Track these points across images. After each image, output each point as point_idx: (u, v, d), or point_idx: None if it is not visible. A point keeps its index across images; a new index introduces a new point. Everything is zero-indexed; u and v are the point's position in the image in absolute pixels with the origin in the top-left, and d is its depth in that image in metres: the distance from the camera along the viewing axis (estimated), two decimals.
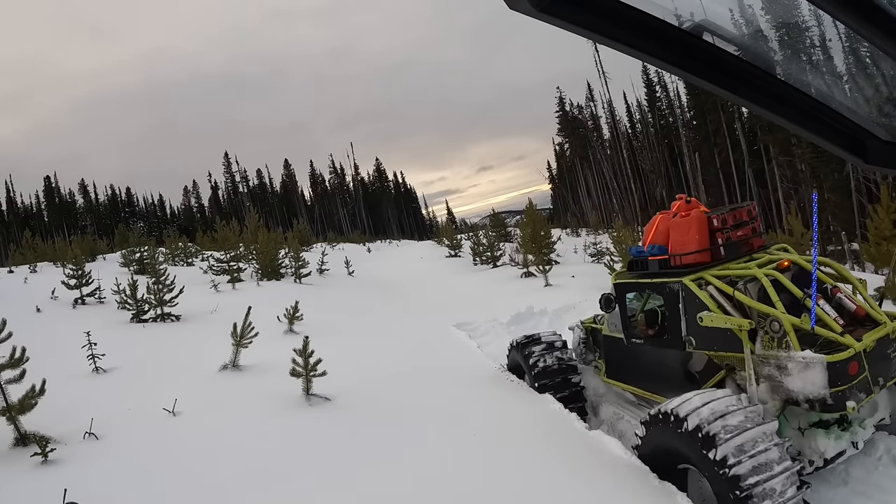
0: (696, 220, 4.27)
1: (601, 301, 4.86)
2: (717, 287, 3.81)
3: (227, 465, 4.13)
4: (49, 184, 50.62)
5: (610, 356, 5.13)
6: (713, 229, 4.27)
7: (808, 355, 3.24)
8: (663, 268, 4.37)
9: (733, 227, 4.29)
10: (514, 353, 6.13)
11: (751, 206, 4.47)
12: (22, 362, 4.54)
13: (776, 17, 0.98)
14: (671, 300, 4.12)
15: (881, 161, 0.96)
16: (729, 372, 3.84)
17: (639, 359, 4.64)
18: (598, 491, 3.63)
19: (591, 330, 5.72)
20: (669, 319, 4.17)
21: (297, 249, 15.74)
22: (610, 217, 35.23)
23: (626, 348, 4.73)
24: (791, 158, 23.47)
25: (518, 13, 0.61)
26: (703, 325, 3.73)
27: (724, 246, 4.23)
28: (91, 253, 20.43)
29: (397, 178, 66.46)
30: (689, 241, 4.25)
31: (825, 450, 3.39)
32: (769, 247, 4.42)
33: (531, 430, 4.66)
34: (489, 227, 29.06)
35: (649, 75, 35.15)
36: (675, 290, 4.05)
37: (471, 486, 3.76)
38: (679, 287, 4.01)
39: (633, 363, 4.76)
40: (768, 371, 3.46)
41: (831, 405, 3.17)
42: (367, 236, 42.92)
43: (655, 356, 4.43)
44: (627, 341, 4.68)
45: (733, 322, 3.57)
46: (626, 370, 4.89)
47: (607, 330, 5.08)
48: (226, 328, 6.50)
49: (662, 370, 4.37)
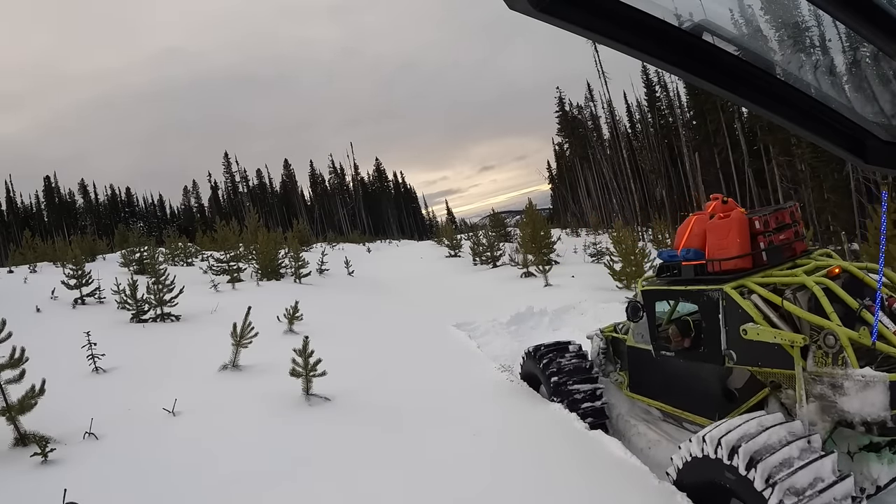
0: (737, 223, 3.92)
1: (627, 309, 4.52)
2: (761, 296, 3.48)
3: (227, 465, 4.13)
4: (49, 184, 50.62)
5: (635, 369, 4.72)
6: (754, 232, 3.91)
7: (868, 373, 2.95)
8: (699, 274, 4.02)
9: (776, 230, 3.96)
10: (528, 363, 5.70)
11: (793, 208, 4.13)
12: (22, 362, 4.54)
13: (776, 17, 0.98)
14: (709, 310, 3.77)
15: (881, 161, 0.96)
16: (773, 390, 3.52)
17: (669, 373, 4.26)
18: (598, 491, 3.63)
19: (612, 339, 5.30)
20: (706, 331, 3.81)
21: (296, 249, 15.73)
22: (610, 217, 35.23)
23: (653, 361, 4.37)
24: (791, 158, 23.47)
25: (518, 13, 0.61)
26: (747, 338, 3.41)
27: (767, 251, 3.89)
28: (91, 253, 20.41)
29: (397, 178, 66.51)
30: (730, 245, 3.90)
31: (878, 476, 3.11)
32: (812, 252, 4.10)
33: (531, 431, 4.66)
34: (489, 227, 29.07)
35: (649, 75, 35.17)
36: (714, 298, 3.71)
37: (471, 486, 3.76)
38: (719, 296, 3.68)
39: (661, 377, 4.36)
40: (820, 390, 3.16)
41: (892, 428, 2.89)
42: (366, 236, 42.92)
43: (688, 371, 4.05)
44: (656, 353, 4.33)
45: (784, 337, 3.23)
46: (653, 385, 4.49)
47: (632, 340, 4.68)
48: (226, 328, 6.50)
49: (696, 386, 3.98)
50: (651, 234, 23.54)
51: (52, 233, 41.12)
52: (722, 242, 3.96)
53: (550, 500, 3.57)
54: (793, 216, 4.09)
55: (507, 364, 7.20)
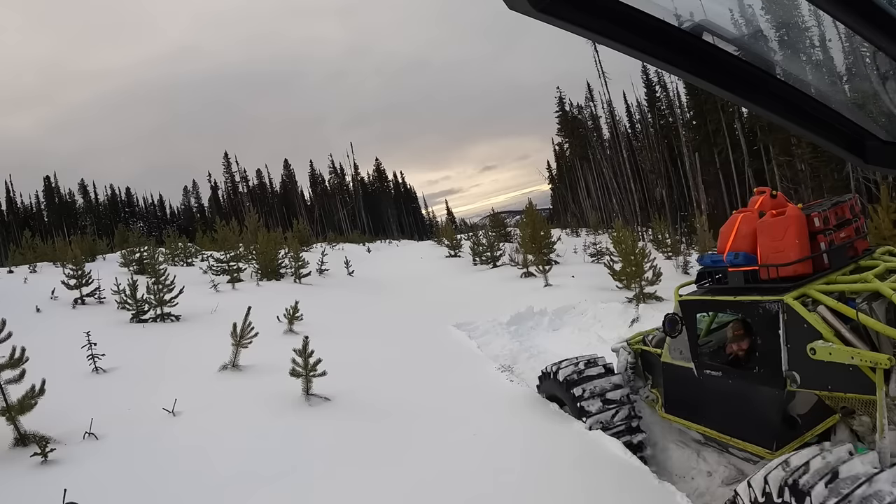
0: (794, 221, 3.41)
1: (664, 323, 3.99)
2: (830, 307, 2.97)
3: (227, 466, 4.13)
4: (49, 184, 50.62)
5: (672, 388, 4.18)
6: (813, 230, 3.42)
7: None
8: (751, 282, 3.51)
9: (836, 226, 3.48)
10: (549, 383, 5.08)
11: (853, 201, 3.66)
12: (22, 362, 4.54)
13: (776, 17, 0.98)
14: (766, 324, 3.25)
15: (881, 161, 0.96)
16: (844, 416, 3.14)
17: (714, 394, 3.72)
18: (598, 491, 3.63)
19: (641, 353, 4.81)
20: (762, 348, 3.31)
21: (296, 249, 15.72)
22: (610, 217, 35.23)
23: (695, 380, 3.84)
24: (791, 158, 23.48)
25: (519, 14, 0.61)
26: (816, 358, 2.88)
27: (828, 252, 3.39)
28: (91, 253, 20.40)
29: (397, 178, 66.49)
30: (787, 247, 3.38)
31: None
32: (873, 250, 3.65)
33: (530, 431, 4.66)
34: (489, 227, 29.06)
35: (649, 75, 35.17)
36: (773, 311, 3.19)
37: (470, 486, 3.76)
38: (778, 308, 3.15)
39: (705, 399, 3.81)
40: None
41: None
42: (366, 236, 42.88)
43: (739, 392, 3.52)
44: (699, 372, 3.80)
45: (864, 357, 2.69)
46: (694, 406, 3.94)
47: (668, 356, 4.14)
48: (225, 328, 6.49)
49: (749, 411, 3.46)
50: (651, 234, 23.55)
51: (52, 233, 41.11)
52: (777, 244, 3.43)
53: (550, 499, 3.57)
54: (853, 210, 3.61)
55: (506, 364, 7.21)
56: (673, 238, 21.09)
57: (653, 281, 11.16)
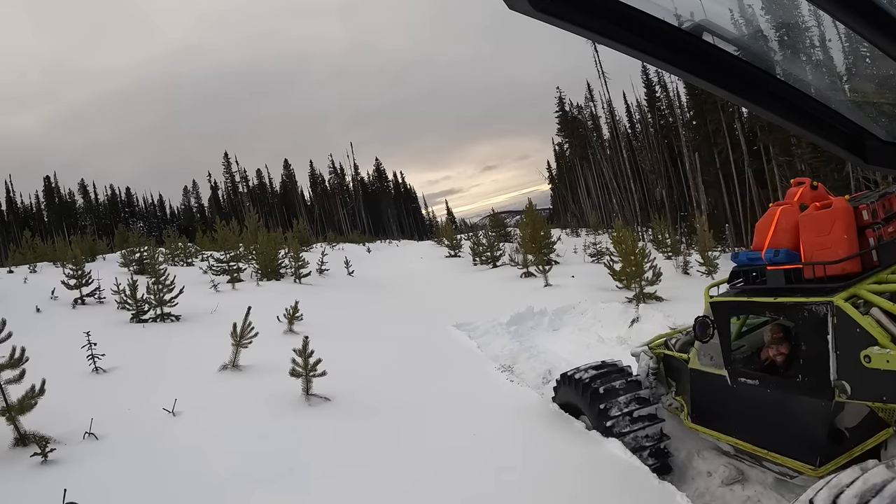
0: (842, 214, 3.13)
1: (695, 327, 3.73)
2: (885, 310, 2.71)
3: (227, 466, 4.13)
4: (49, 184, 50.63)
5: (700, 396, 3.87)
6: (861, 225, 3.15)
7: None
8: (794, 281, 3.22)
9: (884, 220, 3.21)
10: (565, 391, 4.78)
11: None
12: (22, 362, 4.54)
13: (776, 17, 0.98)
14: (812, 329, 2.97)
15: (881, 161, 0.96)
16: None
17: (749, 404, 3.43)
18: (598, 490, 3.62)
19: (664, 357, 4.49)
20: (806, 355, 3.05)
21: (296, 249, 15.72)
22: (610, 217, 35.24)
23: (727, 389, 3.55)
24: (791, 158, 23.48)
25: (518, 13, 0.61)
26: (871, 367, 2.61)
27: (878, 248, 3.11)
28: (91, 253, 20.39)
29: (397, 178, 66.50)
30: (835, 243, 3.11)
31: None
32: None
33: (530, 430, 4.66)
34: (489, 227, 29.07)
35: (649, 75, 35.17)
36: (821, 314, 2.92)
37: (470, 486, 3.76)
38: (827, 311, 2.88)
39: (738, 409, 3.52)
40: None
41: None
42: (366, 236, 42.88)
43: (778, 403, 3.23)
44: (732, 380, 3.50)
45: None
46: (726, 417, 3.66)
47: (697, 363, 3.84)
48: (225, 328, 6.49)
49: (789, 423, 3.19)
50: (651, 234, 23.56)
51: (52, 233, 41.12)
52: (823, 240, 3.16)
53: (551, 499, 3.57)
54: None
55: (506, 364, 7.21)
56: (673, 238, 21.10)
57: (653, 281, 11.16)
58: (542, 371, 6.80)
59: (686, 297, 10.49)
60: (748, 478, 3.77)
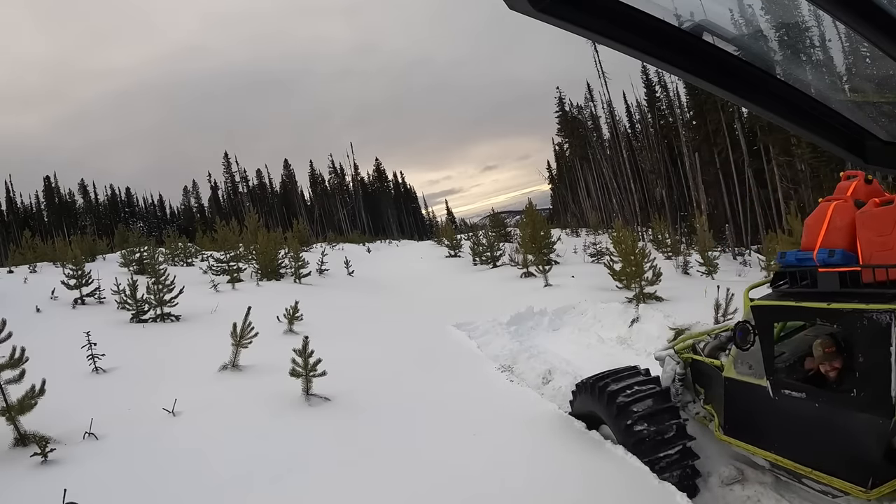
0: None
1: (735, 333, 3.44)
2: None
3: (227, 466, 4.13)
4: (49, 184, 50.64)
5: (736, 408, 3.59)
6: None
7: None
8: (850, 285, 2.95)
9: None
10: (584, 399, 4.43)
11: None
12: (22, 362, 4.54)
13: (776, 17, 0.98)
14: (872, 339, 2.73)
15: (881, 161, 0.96)
16: None
17: (792, 418, 3.16)
18: (598, 490, 3.62)
19: (691, 363, 4.19)
20: (863, 367, 2.80)
21: (296, 249, 15.72)
22: (610, 217, 35.25)
23: (768, 401, 3.27)
24: (791, 158, 23.50)
25: (518, 13, 0.61)
26: None
27: None
28: (91, 253, 20.39)
29: (397, 178, 66.51)
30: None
31: None
32: None
33: (530, 429, 4.66)
34: (489, 227, 29.07)
35: (649, 75, 35.18)
36: (883, 323, 2.66)
37: (471, 485, 3.76)
38: (890, 319, 2.64)
39: (779, 423, 3.25)
40: None
41: None
42: (366, 236, 42.87)
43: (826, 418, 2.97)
44: (775, 392, 3.22)
45: None
46: (764, 430, 3.37)
47: (733, 371, 3.55)
48: (225, 328, 6.49)
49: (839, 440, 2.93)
50: (651, 234, 23.56)
51: (51, 233, 41.12)
52: (885, 239, 2.90)
53: (551, 499, 3.57)
54: None
55: (506, 364, 7.20)
56: (673, 238, 21.10)
57: (653, 281, 11.15)
58: (542, 371, 6.80)
59: (686, 297, 10.49)
60: (748, 478, 3.78)
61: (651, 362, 4.69)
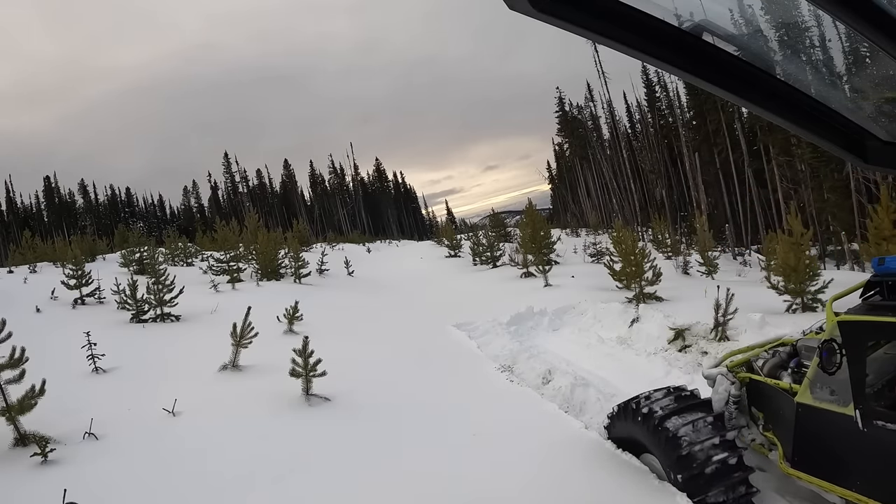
0: None
1: (820, 354, 2.91)
2: None
3: (227, 466, 4.13)
4: (49, 184, 50.65)
5: (810, 438, 3.13)
6: None
7: None
8: None
9: None
10: (624, 423, 3.86)
11: None
12: (22, 362, 4.54)
13: (776, 17, 0.98)
14: None
15: (881, 161, 0.96)
16: None
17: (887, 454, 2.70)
18: (598, 490, 3.62)
19: (751, 383, 3.65)
20: None
21: (296, 250, 15.73)
22: (610, 217, 35.25)
23: (853, 432, 2.80)
24: (791, 158, 23.49)
25: (518, 13, 0.61)
26: None
27: None
28: (91, 253, 20.39)
29: (397, 178, 66.52)
30: None
31: None
32: None
33: (529, 429, 4.66)
34: (489, 227, 29.07)
35: (649, 75, 35.19)
36: None
37: (471, 485, 3.76)
38: None
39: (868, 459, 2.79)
40: None
41: None
42: (366, 236, 42.87)
43: None
44: (864, 423, 2.74)
45: None
46: (847, 466, 2.93)
47: (809, 396, 3.08)
48: (225, 328, 6.50)
49: None
50: (651, 234, 23.57)
51: (51, 233, 41.11)
52: None
53: (551, 498, 3.57)
54: None
55: (506, 364, 7.21)
56: (673, 238, 21.10)
57: (653, 281, 11.15)
58: (541, 371, 6.79)
59: (686, 298, 10.48)
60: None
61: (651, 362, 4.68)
